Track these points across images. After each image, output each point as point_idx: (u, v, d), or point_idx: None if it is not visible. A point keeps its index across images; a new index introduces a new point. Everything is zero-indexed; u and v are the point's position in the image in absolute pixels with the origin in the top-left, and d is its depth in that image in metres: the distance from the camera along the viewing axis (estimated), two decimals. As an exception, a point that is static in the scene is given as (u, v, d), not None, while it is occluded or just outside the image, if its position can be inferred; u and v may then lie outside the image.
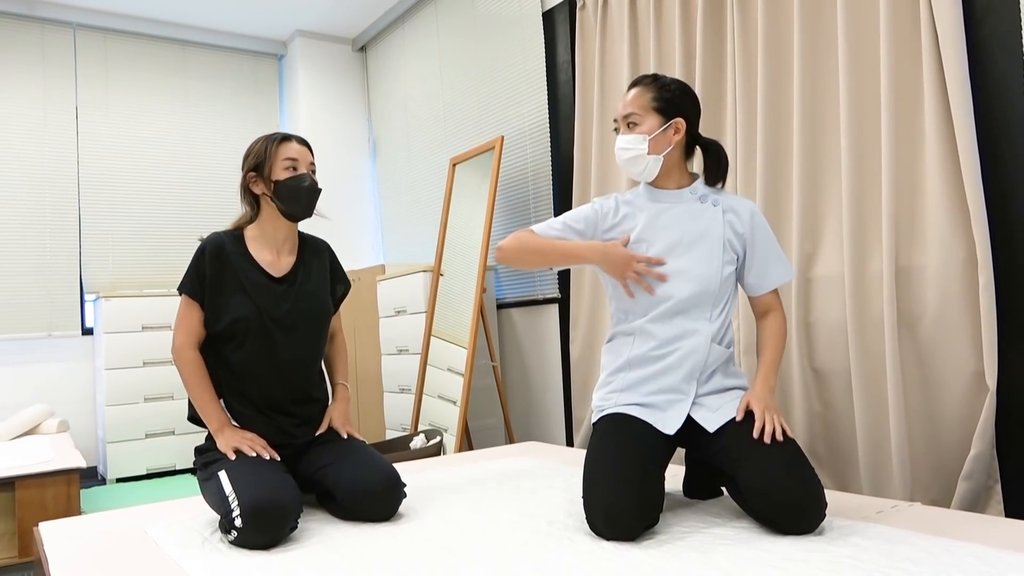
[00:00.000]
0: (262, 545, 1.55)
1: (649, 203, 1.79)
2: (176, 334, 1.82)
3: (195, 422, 1.85)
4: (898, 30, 2.07)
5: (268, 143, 1.86)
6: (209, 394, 1.80)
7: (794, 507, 1.48)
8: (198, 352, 1.82)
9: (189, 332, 1.81)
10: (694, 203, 1.77)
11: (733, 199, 1.79)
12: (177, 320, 1.83)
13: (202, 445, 1.83)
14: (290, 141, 1.86)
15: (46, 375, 4.24)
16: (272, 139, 1.86)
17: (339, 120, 5.01)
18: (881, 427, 2.10)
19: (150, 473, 4.11)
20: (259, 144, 1.87)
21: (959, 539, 1.39)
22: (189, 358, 1.80)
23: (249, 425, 1.82)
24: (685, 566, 1.33)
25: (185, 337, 1.81)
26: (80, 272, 4.34)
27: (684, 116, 1.74)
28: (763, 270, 1.76)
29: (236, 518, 1.54)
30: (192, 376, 1.79)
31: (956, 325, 1.95)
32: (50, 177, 4.29)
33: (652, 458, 1.62)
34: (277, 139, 1.86)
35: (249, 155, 1.88)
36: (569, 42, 3.30)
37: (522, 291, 3.66)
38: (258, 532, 1.54)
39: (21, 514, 2.59)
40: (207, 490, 1.72)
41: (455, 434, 3.24)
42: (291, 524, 1.60)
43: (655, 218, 1.76)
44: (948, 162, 1.96)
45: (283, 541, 1.59)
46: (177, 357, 1.80)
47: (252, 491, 1.57)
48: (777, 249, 1.78)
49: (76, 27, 4.42)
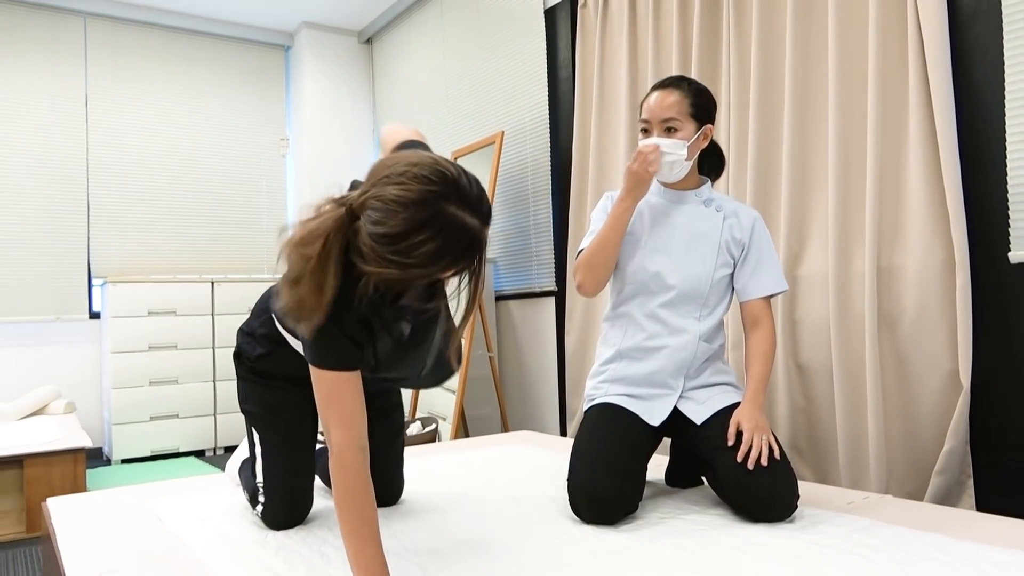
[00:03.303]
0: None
1: (656, 198, 1.85)
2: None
3: (240, 359, 1.64)
4: (886, 36, 2.12)
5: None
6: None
7: (767, 497, 1.55)
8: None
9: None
10: (698, 205, 1.83)
11: (737, 206, 1.84)
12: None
13: (243, 355, 1.65)
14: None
15: (54, 357, 4.34)
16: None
17: (344, 111, 5.07)
18: (860, 422, 2.17)
19: (154, 455, 4.21)
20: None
21: (924, 530, 1.46)
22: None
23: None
24: (657, 548, 1.41)
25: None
26: (88, 257, 4.42)
27: (712, 122, 1.80)
28: (753, 276, 1.79)
29: (260, 504, 1.63)
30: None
31: (933, 324, 2.01)
32: (60, 164, 4.37)
33: (636, 447, 1.69)
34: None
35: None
36: (570, 39, 3.35)
37: (520, 284, 3.73)
38: (274, 528, 1.62)
39: (29, 491, 2.68)
40: (243, 450, 1.77)
41: (452, 422, 3.32)
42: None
43: (657, 215, 1.83)
44: (930, 166, 2.02)
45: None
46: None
47: (279, 503, 1.61)
48: (773, 260, 1.81)
49: (87, 16, 4.48)
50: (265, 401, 1.63)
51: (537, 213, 3.60)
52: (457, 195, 1.11)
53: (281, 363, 1.60)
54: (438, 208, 1.08)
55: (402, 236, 1.07)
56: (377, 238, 1.08)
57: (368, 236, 1.09)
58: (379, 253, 1.09)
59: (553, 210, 3.47)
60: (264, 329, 1.61)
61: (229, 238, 4.86)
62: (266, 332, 1.60)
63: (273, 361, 1.61)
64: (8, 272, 4.19)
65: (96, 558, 1.44)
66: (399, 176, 1.10)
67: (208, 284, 4.40)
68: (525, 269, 3.69)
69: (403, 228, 1.07)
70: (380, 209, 1.08)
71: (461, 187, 1.11)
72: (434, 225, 1.08)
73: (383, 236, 1.08)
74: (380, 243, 1.08)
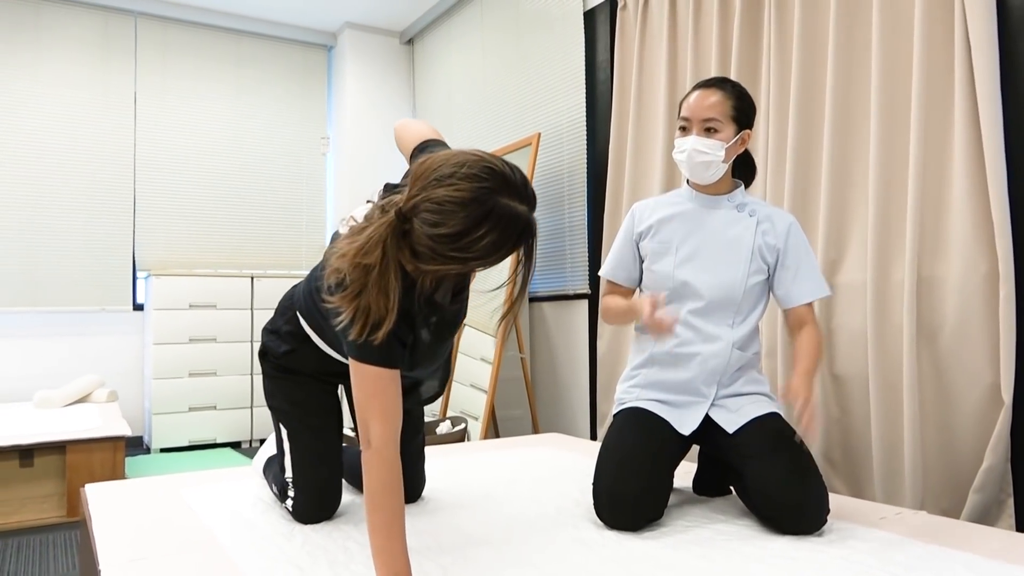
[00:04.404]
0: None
1: (688, 203, 1.83)
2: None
3: (266, 357, 1.70)
4: (932, 40, 2.07)
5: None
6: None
7: (795, 508, 1.53)
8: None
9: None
10: (731, 210, 1.80)
11: (772, 210, 1.81)
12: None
13: (268, 352, 1.68)
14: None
15: (98, 347, 4.46)
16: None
17: (385, 111, 5.12)
18: (896, 435, 2.12)
19: (192, 445, 4.30)
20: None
21: (958, 549, 1.42)
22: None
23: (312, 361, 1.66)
24: (680, 557, 1.39)
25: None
26: (133, 250, 4.54)
27: (751, 128, 1.78)
28: (793, 283, 1.76)
29: (290, 499, 1.66)
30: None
31: (974, 337, 1.96)
32: (109, 159, 4.49)
33: (663, 453, 1.68)
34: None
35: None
36: (609, 42, 3.34)
37: (553, 286, 3.72)
38: (304, 521, 1.64)
39: (70, 476, 2.76)
40: (269, 447, 1.80)
41: (482, 422, 3.33)
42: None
43: (689, 221, 1.81)
44: (975, 174, 1.97)
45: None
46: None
47: (310, 497, 1.63)
48: (812, 265, 1.78)
49: (137, 15, 4.60)
50: (292, 397, 1.66)
51: (572, 215, 3.59)
52: (506, 187, 1.15)
53: (306, 360, 1.63)
54: (492, 203, 1.13)
55: (463, 234, 1.12)
56: (437, 239, 1.13)
57: (427, 237, 1.13)
58: (439, 252, 1.14)
59: (588, 213, 3.45)
60: (289, 327, 1.64)
61: (269, 234, 4.95)
62: (291, 329, 1.63)
63: (298, 358, 1.64)
64: (58, 264, 4.32)
65: (128, 545, 1.47)
66: (449, 178, 1.13)
67: (248, 279, 4.48)
68: (559, 271, 3.68)
69: (463, 226, 1.12)
70: (436, 211, 1.12)
71: (508, 178, 1.16)
72: (491, 219, 1.13)
73: (444, 236, 1.12)
74: (440, 242, 1.13)
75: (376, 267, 1.16)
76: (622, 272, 1.89)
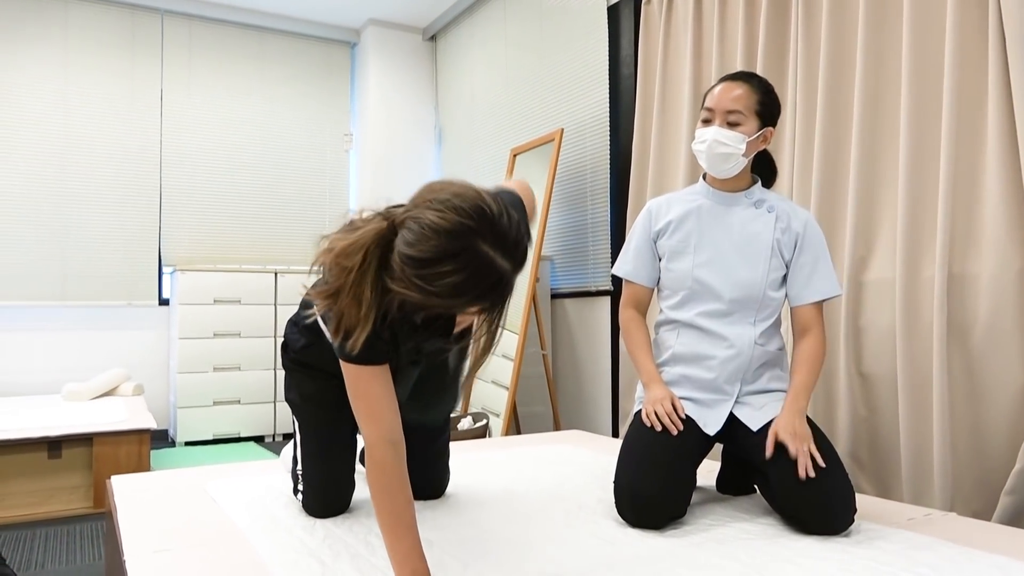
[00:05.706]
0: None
1: (705, 200, 1.81)
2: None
3: (286, 350, 1.73)
4: (964, 33, 2.02)
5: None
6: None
7: (822, 508, 1.50)
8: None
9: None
10: (748, 207, 1.78)
11: (790, 206, 1.79)
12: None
13: (288, 345, 1.71)
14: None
15: (125, 341, 4.52)
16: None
17: (407, 107, 5.13)
18: (925, 435, 2.08)
19: (216, 439, 4.34)
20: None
21: (988, 551, 1.39)
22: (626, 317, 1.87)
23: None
24: (704, 556, 1.37)
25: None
26: (159, 246, 4.59)
27: (774, 125, 1.76)
28: (805, 280, 1.74)
29: (300, 492, 1.67)
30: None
31: (1007, 336, 1.91)
32: (135, 155, 4.55)
33: (686, 451, 1.66)
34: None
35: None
36: (633, 37, 3.31)
37: (576, 282, 3.71)
38: (313, 515, 1.66)
39: (97, 468, 2.80)
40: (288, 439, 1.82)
41: (503, 418, 3.32)
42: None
43: (706, 219, 1.79)
44: (1009, 169, 1.92)
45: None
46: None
47: (316, 492, 1.65)
48: (826, 263, 1.75)
49: (164, 13, 4.65)
50: (304, 390, 1.67)
51: (595, 212, 3.57)
52: (493, 234, 1.09)
53: (322, 355, 1.63)
54: (469, 243, 1.07)
55: (428, 263, 1.07)
56: (405, 259, 1.08)
57: (399, 254, 1.09)
58: (404, 273, 1.09)
59: (611, 209, 3.43)
60: (308, 321, 1.64)
61: (293, 231, 4.98)
62: (310, 324, 1.64)
63: (314, 353, 1.64)
64: (86, 259, 4.39)
65: (152, 536, 1.49)
66: (440, 203, 1.09)
67: (271, 275, 4.52)
68: (581, 267, 3.67)
69: (430, 255, 1.06)
70: (415, 231, 1.08)
71: (499, 227, 1.10)
72: (462, 259, 1.07)
73: (410, 258, 1.08)
74: (407, 265, 1.08)
75: (354, 271, 1.12)
76: (644, 272, 1.86)
